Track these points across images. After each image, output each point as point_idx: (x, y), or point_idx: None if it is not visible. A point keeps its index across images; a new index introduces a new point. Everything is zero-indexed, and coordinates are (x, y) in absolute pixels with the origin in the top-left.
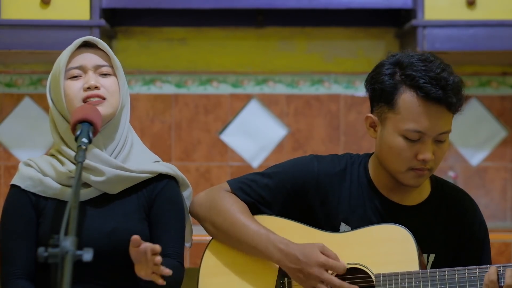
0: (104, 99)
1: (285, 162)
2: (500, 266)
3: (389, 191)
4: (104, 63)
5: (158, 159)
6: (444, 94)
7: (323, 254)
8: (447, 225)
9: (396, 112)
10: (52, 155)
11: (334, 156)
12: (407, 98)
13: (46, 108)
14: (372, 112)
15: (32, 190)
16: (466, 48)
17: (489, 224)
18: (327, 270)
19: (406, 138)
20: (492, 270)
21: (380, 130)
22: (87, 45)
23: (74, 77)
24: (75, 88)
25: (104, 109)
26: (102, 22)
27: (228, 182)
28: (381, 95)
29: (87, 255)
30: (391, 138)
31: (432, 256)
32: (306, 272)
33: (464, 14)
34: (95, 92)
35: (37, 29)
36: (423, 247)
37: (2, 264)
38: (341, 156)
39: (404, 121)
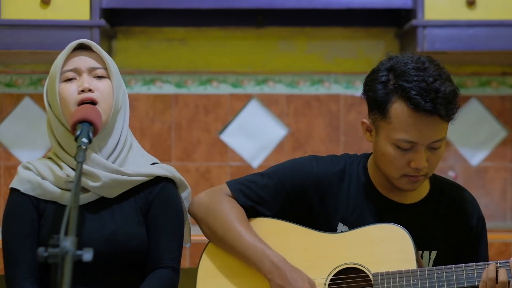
0: (96, 103)
1: (285, 162)
2: (498, 263)
3: (388, 190)
4: (98, 65)
5: (156, 160)
6: (433, 107)
7: None
8: (447, 221)
9: (388, 121)
10: (50, 158)
11: (333, 156)
12: (398, 108)
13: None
14: (368, 117)
15: (32, 193)
16: (466, 48)
17: (489, 224)
18: None
19: (398, 147)
20: (491, 267)
21: (374, 136)
22: (81, 48)
23: (69, 79)
24: (70, 91)
25: None
26: (102, 22)
27: (228, 183)
28: (374, 103)
29: (87, 255)
30: (383, 146)
31: (433, 253)
32: None
33: (464, 14)
34: (89, 95)
35: (37, 29)
36: (424, 245)
37: (7, 266)
38: (340, 157)
39: (395, 130)
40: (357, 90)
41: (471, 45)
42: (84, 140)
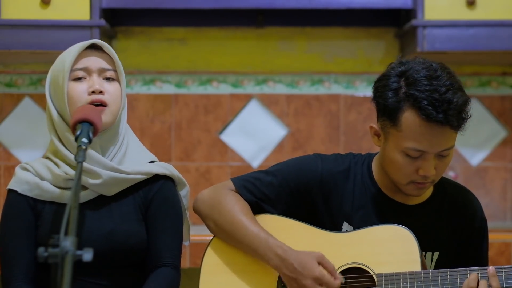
0: (105, 106)
1: (289, 160)
2: (502, 268)
3: (392, 191)
4: (108, 67)
5: (155, 158)
6: (445, 118)
7: (320, 264)
8: (450, 222)
9: (398, 129)
10: (48, 158)
11: (338, 155)
12: (409, 117)
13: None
14: (377, 121)
15: (29, 194)
16: (466, 48)
17: (489, 224)
18: (321, 285)
19: (406, 154)
20: (473, 276)
21: (383, 141)
22: (92, 47)
23: (78, 78)
24: (79, 91)
25: (105, 117)
26: (102, 22)
27: (232, 180)
28: (384, 110)
29: (87, 255)
30: (392, 153)
31: (436, 254)
32: (300, 283)
33: (464, 14)
34: (99, 97)
35: (37, 29)
36: (427, 245)
37: (3, 267)
38: (344, 156)
39: (405, 139)
40: (357, 90)
41: (471, 45)
42: (84, 140)
